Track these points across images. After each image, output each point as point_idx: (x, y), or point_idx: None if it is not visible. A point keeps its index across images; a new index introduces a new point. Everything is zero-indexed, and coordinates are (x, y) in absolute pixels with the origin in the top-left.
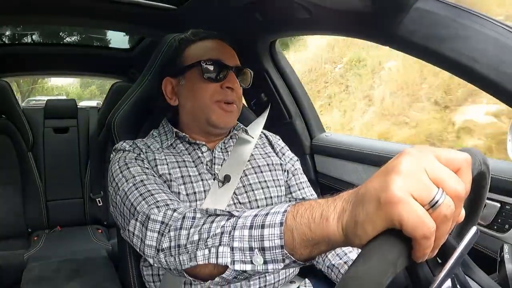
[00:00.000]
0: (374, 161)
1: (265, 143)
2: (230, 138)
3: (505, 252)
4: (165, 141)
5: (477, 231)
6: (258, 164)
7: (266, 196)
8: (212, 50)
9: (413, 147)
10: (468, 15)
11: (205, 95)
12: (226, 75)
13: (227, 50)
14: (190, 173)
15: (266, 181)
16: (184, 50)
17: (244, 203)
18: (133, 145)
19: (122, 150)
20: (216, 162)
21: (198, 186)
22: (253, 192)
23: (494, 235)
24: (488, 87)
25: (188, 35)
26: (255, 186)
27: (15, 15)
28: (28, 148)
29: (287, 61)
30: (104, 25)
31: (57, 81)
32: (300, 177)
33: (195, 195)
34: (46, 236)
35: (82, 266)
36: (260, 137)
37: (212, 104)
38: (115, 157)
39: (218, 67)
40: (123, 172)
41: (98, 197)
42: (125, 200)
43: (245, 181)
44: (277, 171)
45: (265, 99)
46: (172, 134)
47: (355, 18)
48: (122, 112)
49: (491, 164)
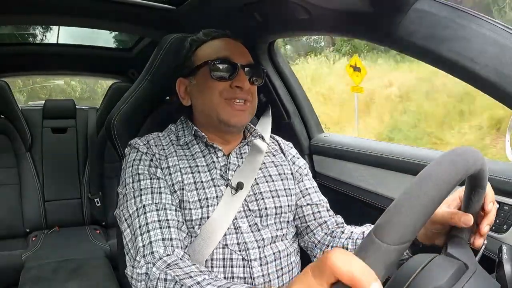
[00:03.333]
0: (373, 161)
1: (277, 150)
2: (246, 144)
3: (503, 252)
4: (182, 137)
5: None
6: (269, 173)
7: (276, 205)
8: (221, 49)
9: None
10: (467, 16)
11: (214, 94)
12: (236, 73)
13: (237, 48)
14: (203, 179)
15: (277, 190)
16: (195, 51)
17: (254, 211)
18: (147, 145)
19: (136, 149)
20: (230, 168)
21: (210, 192)
22: (264, 201)
23: (492, 236)
24: (487, 88)
25: (199, 35)
26: (266, 195)
27: (15, 15)
28: (26, 148)
29: (285, 61)
30: (103, 25)
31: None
32: (306, 183)
33: (207, 201)
34: (44, 237)
35: (80, 266)
36: (273, 143)
37: (222, 102)
38: (130, 155)
39: (227, 65)
40: (134, 183)
41: (96, 198)
42: (128, 219)
43: (256, 190)
44: (288, 180)
45: (264, 99)
46: (191, 132)
47: (354, 18)
48: (121, 112)
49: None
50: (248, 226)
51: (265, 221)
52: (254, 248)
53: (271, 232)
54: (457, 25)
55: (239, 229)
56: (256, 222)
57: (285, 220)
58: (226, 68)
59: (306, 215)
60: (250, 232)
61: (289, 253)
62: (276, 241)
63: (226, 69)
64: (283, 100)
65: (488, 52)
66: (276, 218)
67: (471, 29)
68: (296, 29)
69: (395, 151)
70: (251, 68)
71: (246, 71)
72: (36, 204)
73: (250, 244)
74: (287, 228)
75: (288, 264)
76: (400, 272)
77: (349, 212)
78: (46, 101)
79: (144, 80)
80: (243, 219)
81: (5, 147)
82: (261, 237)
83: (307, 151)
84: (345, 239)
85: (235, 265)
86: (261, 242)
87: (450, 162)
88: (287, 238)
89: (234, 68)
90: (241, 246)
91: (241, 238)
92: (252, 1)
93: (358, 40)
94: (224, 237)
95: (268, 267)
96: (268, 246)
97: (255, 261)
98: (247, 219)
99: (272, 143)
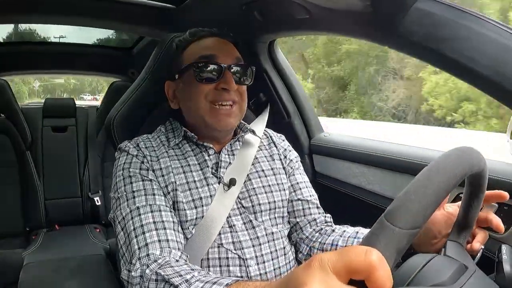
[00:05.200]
0: (373, 161)
1: (270, 144)
2: (237, 141)
3: (503, 252)
4: (172, 139)
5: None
6: (262, 168)
7: (270, 200)
8: (205, 49)
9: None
10: (467, 15)
11: (200, 97)
12: (221, 75)
13: (224, 47)
14: (195, 178)
15: (270, 185)
16: (182, 52)
17: (248, 207)
18: (137, 148)
19: (126, 152)
20: (222, 166)
21: (204, 192)
22: (257, 197)
23: (492, 236)
24: (488, 87)
25: (185, 35)
26: (259, 190)
27: (15, 15)
28: (26, 147)
29: (286, 61)
30: (103, 24)
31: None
32: (298, 177)
33: (201, 200)
34: (44, 235)
35: (80, 265)
36: (265, 137)
37: (207, 106)
38: (120, 159)
39: (211, 67)
40: (126, 186)
41: (96, 196)
42: (121, 222)
43: (249, 186)
44: (281, 174)
45: (264, 99)
46: (180, 133)
47: (355, 18)
48: (121, 111)
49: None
50: (243, 224)
51: (260, 217)
52: (249, 247)
53: (266, 230)
54: (458, 25)
55: (233, 227)
56: (250, 219)
57: (280, 215)
58: (210, 70)
59: (296, 210)
60: (244, 230)
61: (286, 252)
62: (272, 239)
63: (211, 70)
64: (283, 99)
65: (488, 52)
66: (271, 213)
67: (471, 29)
68: (296, 29)
69: (395, 151)
70: (238, 68)
71: (233, 71)
72: (36, 203)
73: (245, 242)
74: (282, 224)
75: (286, 264)
76: (400, 271)
77: (349, 212)
78: (46, 100)
79: (144, 79)
80: (237, 217)
81: (5, 146)
82: (255, 235)
83: (307, 151)
84: (335, 237)
85: (231, 264)
86: (255, 240)
87: (457, 156)
88: (284, 236)
89: (219, 69)
90: (236, 245)
91: (235, 236)
92: (252, 0)
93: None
94: (219, 236)
95: (265, 266)
96: (266, 245)
97: (251, 260)
98: (241, 216)
99: (264, 137)
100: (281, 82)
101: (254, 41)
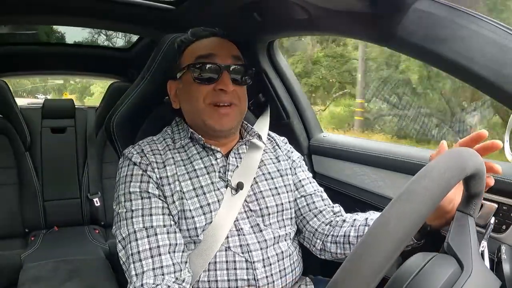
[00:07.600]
0: (372, 161)
1: (275, 147)
2: (244, 144)
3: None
4: (178, 141)
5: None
6: (268, 170)
7: (277, 203)
8: (205, 49)
9: None
10: (466, 16)
11: (198, 98)
12: (219, 76)
13: (223, 47)
14: (202, 183)
15: (277, 188)
16: (183, 52)
17: (255, 211)
18: (141, 153)
19: (129, 159)
20: (229, 169)
21: (211, 197)
22: (264, 200)
23: (491, 236)
24: (486, 88)
25: (187, 35)
26: (266, 193)
27: (15, 15)
28: (25, 148)
29: (285, 61)
30: (102, 25)
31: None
32: (300, 175)
33: (209, 206)
34: (43, 236)
35: (79, 266)
36: (269, 141)
37: (206, 107)
38: (122, 169)
39: (209, 67)
40: (126, 202)
41: (96, 197)
42: (121, 242)
43: (256, 189)
44: (288, 175)
45: (263, 99)
46: (187, 134)
47: (354, 18)
48: (121, 112)
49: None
50: (250, 227)
51: (267, 220)
52: (256, 250)
53: (273, 232)
54: (457, 25)
55: (241, 230)
56: (258, 223)
57: (287, 217)
58: (208, 70)
59: (301, 207)
60: (252, 234)
61: (291, 253)
62: (279, 241)
63: (209, 71)
64: (282, 100)
65: (488, 52)
66: (278, 216)
67: (471, 29)
68: (295, 29)
69: (394, 151)
70: (237, 68)
71: (232, 71)
72: (35, 204)
73: (253, 245)
74: (290, 226)
75: (291, 264)
76: (400, 272)
77: (348, 212)
78: (45, 100)
79: (143, 80)
80: (244, 220)
81: (4, 147)
82: (263, 238)
83: (306, 151)
84: (347, 227)
85: (238, 267)
86: (263, 243)
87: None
88: (290, 238)
89: (217, 70)
90: (244, 248)
91: (243, 240)
92: (252, 1)
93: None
94: (227, 239)
95: (271, 268)
96: (271, 247)
97: (258, 263)
98: (249, 219)
99: (268, 140)
100: (280, 82)
101: (253, 42)
